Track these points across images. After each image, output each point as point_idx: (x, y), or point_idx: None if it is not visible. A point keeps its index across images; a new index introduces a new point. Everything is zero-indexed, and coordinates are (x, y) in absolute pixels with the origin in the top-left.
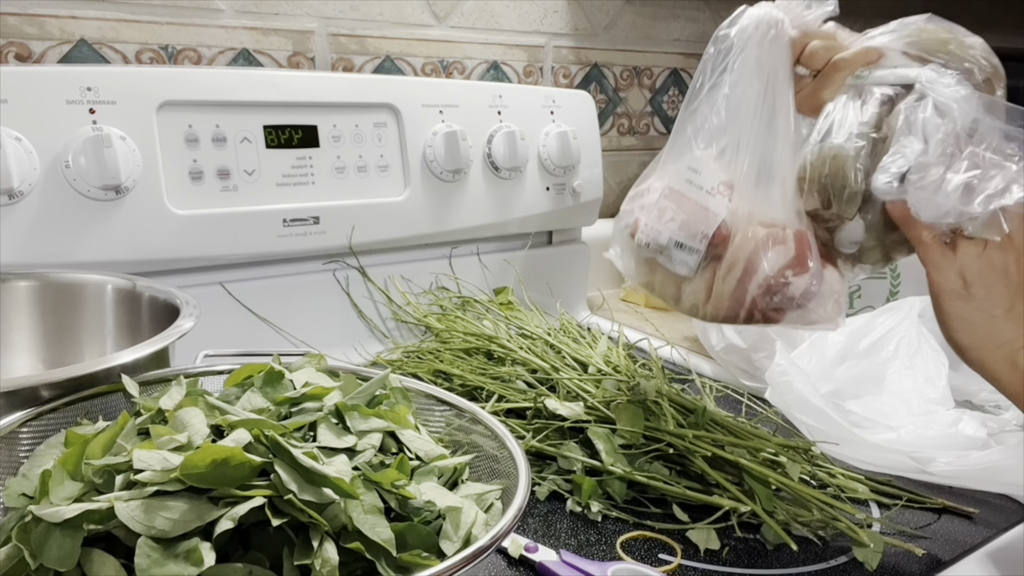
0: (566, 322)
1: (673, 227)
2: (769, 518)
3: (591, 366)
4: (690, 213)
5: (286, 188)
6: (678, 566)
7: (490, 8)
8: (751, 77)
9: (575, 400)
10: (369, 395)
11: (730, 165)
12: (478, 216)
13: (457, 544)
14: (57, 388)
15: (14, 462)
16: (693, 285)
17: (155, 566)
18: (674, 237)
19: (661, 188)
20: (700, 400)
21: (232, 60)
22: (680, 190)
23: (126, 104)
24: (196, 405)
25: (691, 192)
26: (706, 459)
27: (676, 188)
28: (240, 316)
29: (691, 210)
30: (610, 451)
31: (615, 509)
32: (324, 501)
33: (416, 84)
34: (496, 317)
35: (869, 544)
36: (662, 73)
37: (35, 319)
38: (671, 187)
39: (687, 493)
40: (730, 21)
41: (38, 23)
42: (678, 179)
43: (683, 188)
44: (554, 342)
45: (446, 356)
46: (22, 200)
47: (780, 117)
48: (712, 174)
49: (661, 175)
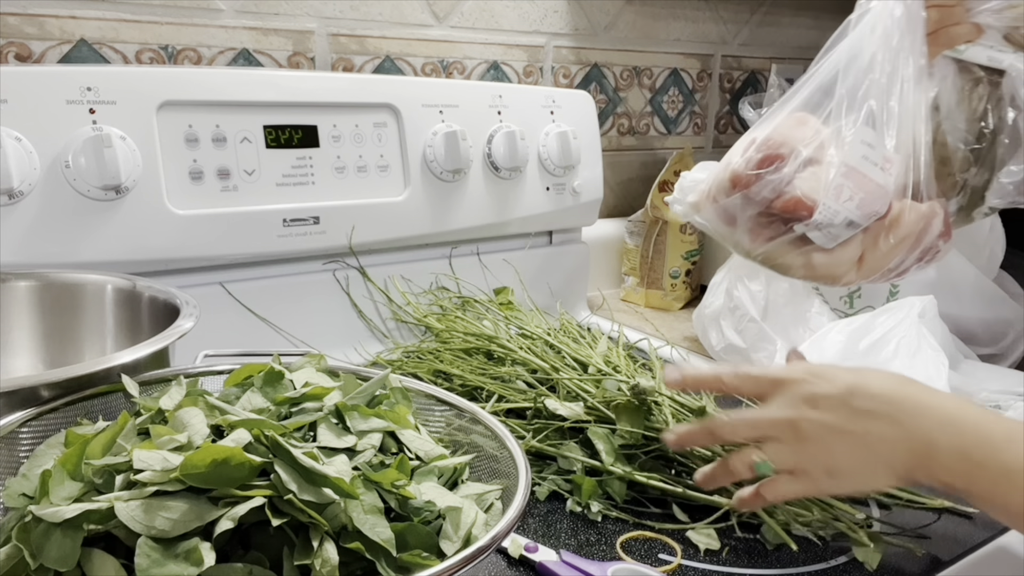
0: (566, 322)
1: (851, 206)
2: (769, 518)
3: (591, 366)
4: (868, 191)
5: (286, 188)
6: (678, 566)
7: (490, 8)
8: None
9: (575, 400)
10: (369, 395)
11: (883, 137)
12: (478, 216)
13: (457, 544)
14: (57, 388)
15: (14, 462)
16: (834, 256)
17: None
18: (849, 216)
19: (837, 165)
20: (700, 399)
21: (232, 60)
22: (856, 167)
23: (126, 104)
24: (196, 405)
25: (866, 168)
26: (706, 460)
27: (852, 165)
28: (240, 316)
29: (869, 188)
30: (610, 451)
31: (615, 509)
32: (324, 501)
33: (416, 84)
34: (496, 317)
35: (869, 544)
36: (662, 73)
37: (35, 319)
38: (847, 164)
39: (687, 493)
40: None
41: (38, 23)
42: (853, 155)
43: (859, 164)
44: (554, 342)
45: (446, 356)
46: (22, 200)
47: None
48: (881, 148)
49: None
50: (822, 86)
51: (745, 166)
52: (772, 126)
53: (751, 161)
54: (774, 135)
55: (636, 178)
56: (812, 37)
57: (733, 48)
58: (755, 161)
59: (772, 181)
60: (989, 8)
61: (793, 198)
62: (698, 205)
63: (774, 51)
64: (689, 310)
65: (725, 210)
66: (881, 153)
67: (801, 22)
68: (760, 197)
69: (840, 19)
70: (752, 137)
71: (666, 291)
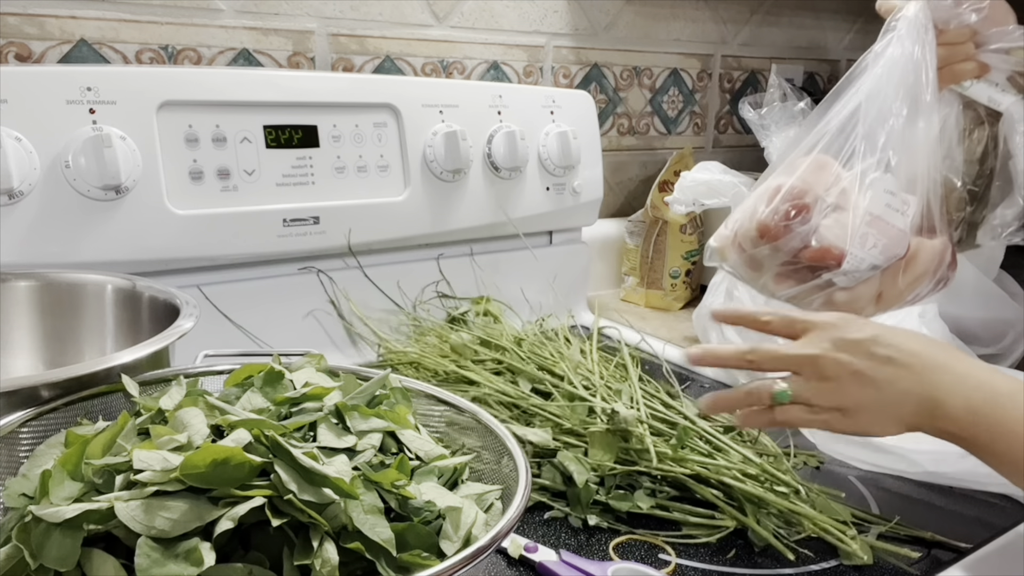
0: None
1: (875, 253)
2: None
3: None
4: (891, 237)
5: (286, 188)
6: (677, 567)
7: (490, 8)
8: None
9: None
10: (369, 395)
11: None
12: (478, 216)
13: (457, 544)
14: (57, 388)
15: (14, 462)
16: (855, 293)
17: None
18: (874, 262)
19: (862, 215)
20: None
21: (232, 60)
22: (880, 215)
23: (126, 104)
24: (196, 405)
25: (889, 216)
26: (692, 476)
27: (876, 213)
28: (240, 316)
29: (891, 234)
30: (582, 471)
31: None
32: (324, 501)
33: (416, 84)
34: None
35: (863, 556)
36: (662, 73)
37: (35, 319)
38: (871, 213)
39: (673, 514)
40: None
41: (38, 23)
42: (877, 204)
43: (882, 212)
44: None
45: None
46: (22, 200)
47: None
48: (900, 192)
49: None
50: (842, 128)
51: (772, 217)
52: (797, 175)
53: (778, 212)
54: (797, 183)
55: (636, 178)
56: (812, 37)
57: (733, 48)
58: (782, 212)
59: (800, 233)
60: (995, 49)
61: (822, 249)
62: (724, 252)
63: (774, 51)
64: (689, 310)
65: (752, 258)
66: (901, 198)
67: (801, 22)
68: (788, 247)
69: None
70: (777, 184)
71: (666, 291)
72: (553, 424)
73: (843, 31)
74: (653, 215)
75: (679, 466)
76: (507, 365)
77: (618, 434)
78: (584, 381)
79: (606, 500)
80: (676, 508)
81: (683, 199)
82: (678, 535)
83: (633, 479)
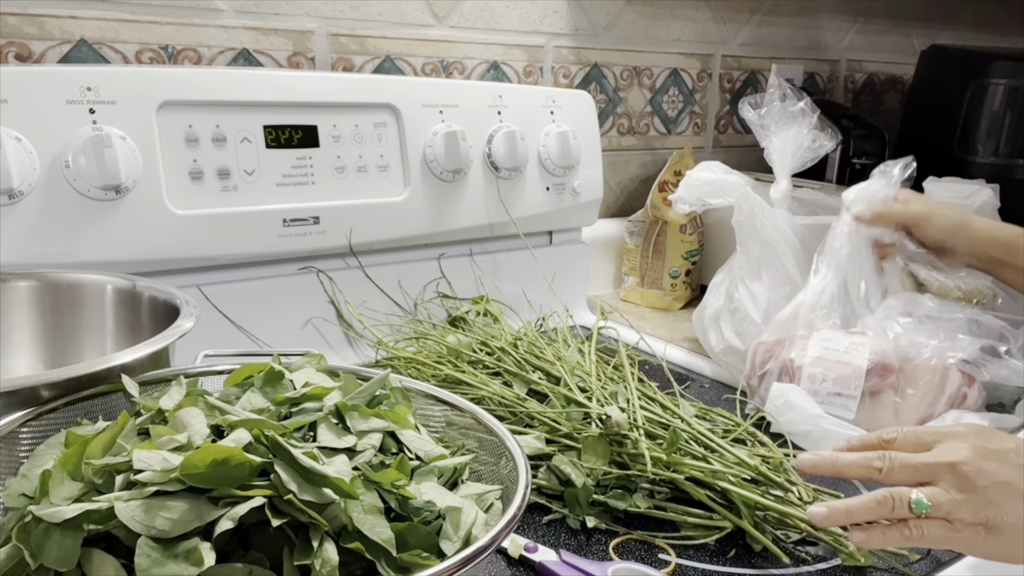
0: (545, 336)
1: (828, 385)
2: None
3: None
4: (838, 372)
5: (286, 188)
6: (677, 567)
7: (490, 8)
8: None
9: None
10: (369, 395)
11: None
12: (478, 216)
13: (457, 544)
14: (57, 388)
15: (14, 462)
16: (874, 411)
17: (155, 566)
18: (833, 390)
19: (807, 362)
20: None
21: (232, 60)
22: (823, 356)
23: (126, 104)
24: (196, 405)
25: (830, 355)
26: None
27: (819, 356)
28: (240, 316)
29: (838, 370)
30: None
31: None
32: (324, 501)
33: (416, 84)
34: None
35: (860, 559)
36: (662, 73)
37: (35, 319)
38: (814, 356)
39: (671, 515)
40: None
41: (38, 23)
42: (815, 350)
43: (823, 355)
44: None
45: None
46: (22, 200)
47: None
48: (841, 339)
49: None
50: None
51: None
52: None
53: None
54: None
55: (636, 178)
56: (812, 37)
57: (733, 48)
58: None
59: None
60: None
61: None
62: None
63: (774, 51)
64: (689, 310)
65: None
66: (844, 342)
67: (801, 22)
68: None
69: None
70: None
71: (666, 291)
72: (548, 428)
73: (843, 31)
74: (653, 215)
75: (673, 470)
76: (503, 368)
77: (612, 439)
78: (581, 383)
79: (604, 500)
80: (674, 509)
81: (687, 198)
82: (677, 536)
83: (630, 481)
